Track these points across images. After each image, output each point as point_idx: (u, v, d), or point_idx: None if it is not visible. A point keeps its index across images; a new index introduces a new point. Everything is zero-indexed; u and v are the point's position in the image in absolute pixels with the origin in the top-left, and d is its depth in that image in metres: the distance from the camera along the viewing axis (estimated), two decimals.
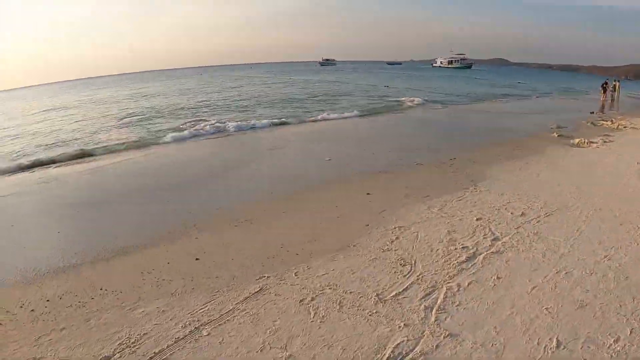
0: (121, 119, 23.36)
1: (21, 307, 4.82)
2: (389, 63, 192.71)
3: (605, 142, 14.07)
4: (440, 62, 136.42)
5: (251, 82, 57.54)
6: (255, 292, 4.84)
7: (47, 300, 4.92)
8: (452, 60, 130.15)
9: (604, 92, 31.82)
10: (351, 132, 16.77)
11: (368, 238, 6.24)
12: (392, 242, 6.05)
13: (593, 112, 23.57)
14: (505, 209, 7.26)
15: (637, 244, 5.82)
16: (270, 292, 4.84)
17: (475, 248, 5.73)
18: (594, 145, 13.46)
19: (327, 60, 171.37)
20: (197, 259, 5.81)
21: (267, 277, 5.18)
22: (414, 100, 28.04)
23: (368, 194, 8.45)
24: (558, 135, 15.12)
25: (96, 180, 10.95)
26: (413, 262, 5.39)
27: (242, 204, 8.22)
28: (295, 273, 5.25)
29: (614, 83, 32.93)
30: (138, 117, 23.89)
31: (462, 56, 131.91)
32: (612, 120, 19.82)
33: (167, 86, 58.01)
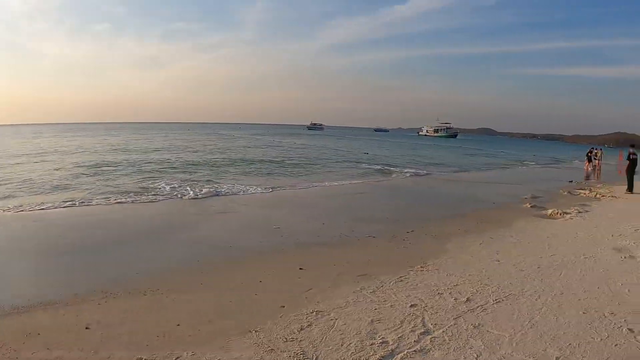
0: (94, 167, 23.69)
1: None
2: (376, 130, 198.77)
3: (580, 212, 13.36)
4: (427, 130, 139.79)
5: (234, 142, 57.91)
6: None
7: None
8: (437, 129, 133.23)
9: (589, 160, 31.75)
10: (313, 200, 15.77)
11: (276, 323, 5.32)
12: (300, 330, 5.09)
13: (572, 181, 23.32)
14: (450, 293, 6.25)
15: (600, 339, 4.85)
16: None
17: (396, 344, 4.69)
18: (568, 216, 12.70)
19: (315, 124, 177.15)
20: (87, 328, 5.19)
21: None
22: (388, 169, 27.80)
23: (301, 268, 7.57)
24: (531, 206, 14.36)
25: (23, 230, 10.44)
26: (314, 358, 4.40)
27: (162, 271, 7.51)
28: (176, 358, 4.47)
29: (596, 151, 33.07)
30: (111, 168, 23.64)
31: (447, 125, 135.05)
32: (590, 189, 19.33)
33: (149, 140, 58.41)
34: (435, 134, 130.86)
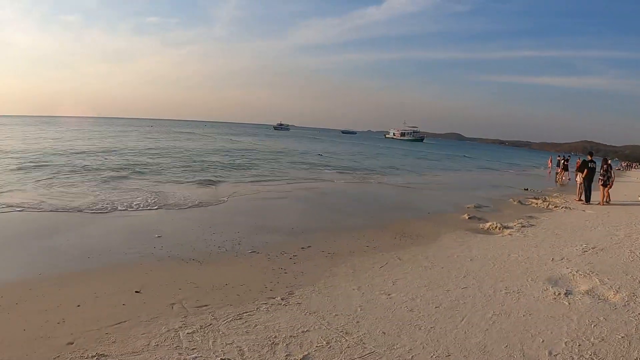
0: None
1: None
2: (344, 132, 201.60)
3: (523, 226, 11.84)
4: (393, 133, 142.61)
5: (193, 142, 54.90)
6: None
7: None
8: (404, 133, 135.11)
9: (565, 169, 31.23)
10: (227, 205, 13.84)
11: None
12: None
13: (527, 189, 22.35)
14: (287, 345, 4.50)
15: None
16: None
17: None
18: (507, 231, 11.14)
19: (282, 124, 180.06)
20: None
21: None
22: (334, 172, 26.82)
23: (137, 291, 6.12)
24: (469, 218, 12.82)
25: None
26: None
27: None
28: None
29: (558, 159, 32.84)
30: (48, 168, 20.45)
31: (414, 129, 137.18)
32: (544, 198, 18.05)
33: (104, 137, 53.92)
34: (402, 137, 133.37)
